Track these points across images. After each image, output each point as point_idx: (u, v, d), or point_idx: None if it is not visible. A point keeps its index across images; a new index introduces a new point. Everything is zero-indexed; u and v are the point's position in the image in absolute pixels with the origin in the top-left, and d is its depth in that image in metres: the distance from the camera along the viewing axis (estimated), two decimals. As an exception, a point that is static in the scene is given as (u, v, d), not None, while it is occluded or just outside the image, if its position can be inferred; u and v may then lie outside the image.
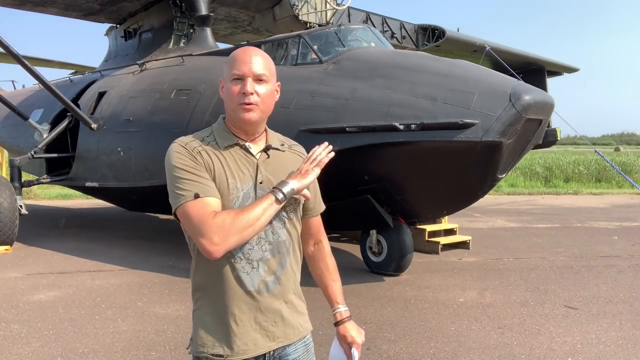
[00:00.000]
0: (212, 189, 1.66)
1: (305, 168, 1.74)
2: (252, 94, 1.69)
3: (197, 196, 1.63)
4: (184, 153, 1.69)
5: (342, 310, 1.96)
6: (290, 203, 1.75)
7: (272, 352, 1.75)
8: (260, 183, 1.73)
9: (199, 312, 1.77)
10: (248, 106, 1.70)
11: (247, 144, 1.77)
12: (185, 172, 1.66)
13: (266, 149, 1.78)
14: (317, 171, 1.76)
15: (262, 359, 1.74)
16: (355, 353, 1.93)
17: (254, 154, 1.76)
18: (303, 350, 1.83)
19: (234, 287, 1.70)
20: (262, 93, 1.71)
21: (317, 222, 1.98)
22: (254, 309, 1.71)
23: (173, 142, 1.74)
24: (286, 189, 1.68)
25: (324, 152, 1.77)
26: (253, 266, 1.71)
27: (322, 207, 2.00)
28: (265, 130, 1.84)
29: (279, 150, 1.82)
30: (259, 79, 1.71)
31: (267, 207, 1.65)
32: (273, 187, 1.69)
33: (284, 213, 1.75)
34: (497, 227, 11.07)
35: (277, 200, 1.66)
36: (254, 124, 1.74)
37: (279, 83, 1.83)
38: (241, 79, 1.70)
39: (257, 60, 1.71)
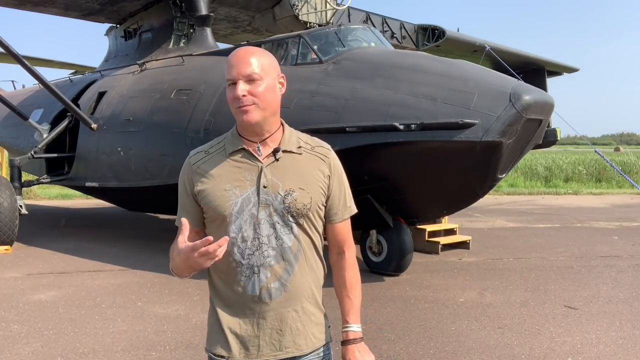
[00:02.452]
0: (187, 218, 1.68)
1: None
2: (244, 96, 1.66)
3: (177, 221, 1.74)
4: (183, 173, 1.81)
5: (351, 330, 1.80)
6: (298, 208, 1.69)
7: None
8: (265, 187, 1.69)
9: (210, 313, 1.81)
10: (244, 107, 1.67)
11: (256, 146, 1.73)
12: (179, 193, 1.83)
13: (274, 152, 1.72)
14: None
15: None
16: None
17: (261, 158, 1.72)
18: None
19: (237, 291, 1.70)
20: (256, 92, 1.67)
21: (342, 229, 1.85)
22: (257, 315, 1.70)
23: (190, 152, 1.85)
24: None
25: None
26: (254, 271, 1.68)
27: (351, 211, 1.87)
28: (283, 130, 1.78)
29: (294, 153, 1.75)
30: (250, 79, 1.67)
31: (173, 254, 1.67)
32: None
33: (290, 218, 1.69)
34: (497, 227, 11.07)
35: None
36: (255, 124, 1.70)
37: (282, 75, 1.77)
38: (234, 83, 1.68)
39: (245, 61, 1.67)
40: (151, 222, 11.64)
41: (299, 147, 1.77)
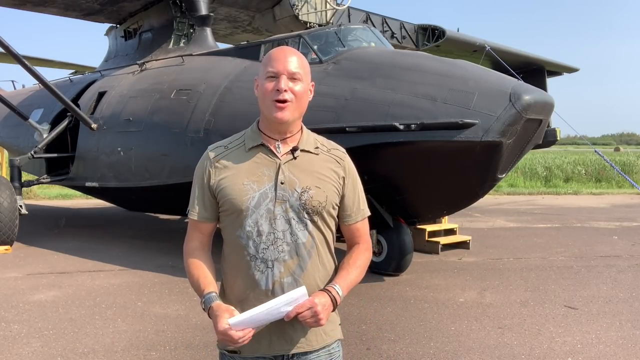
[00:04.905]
0: (202, 211, 1.81)
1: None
2: (285, 90, 1.70)
3: (190, 213, 1.83)
4: (201, 166, 1.82)
5: (334, 287, 1.72)
6: (313, 206, 1.72)
7: (289, 356, 1.73)
8: (282, 184, 1.72)
9: None
10: (281, 104, 1.70)
11: (276, 143, 1.76)
12: (196, 185, 1.83)
13: (293, 151, 1.76)
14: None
15: None
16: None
17: (280, 155, 1.75)
18: (326, 359, 1.78)
19: (250, 284, 1.72)
20: (296, 91, 1.72)
21: (357, 231, 1.88)
22: None
23: (208, 146, 1.87)
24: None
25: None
26: (268, 266, 1.70)
27: (365, 213, 1.90)
28: (301, 130, 1.82)
29: (311, 152, 1.79)
30: (293, 78, 1.72)
31: (196, 289, 1.76)
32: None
33: (305, 215, 1.72)
34: (497, 227, 11.07)
35: (201, 304, 1.73)
36: (286, 123, 1.73)
37: (312, 83, 1.83)
38: (276, 76, 1.71)
39: (292, 59, 1.73)
40: (151, 222, 11.64)
41: (316, 147, 1.82)
